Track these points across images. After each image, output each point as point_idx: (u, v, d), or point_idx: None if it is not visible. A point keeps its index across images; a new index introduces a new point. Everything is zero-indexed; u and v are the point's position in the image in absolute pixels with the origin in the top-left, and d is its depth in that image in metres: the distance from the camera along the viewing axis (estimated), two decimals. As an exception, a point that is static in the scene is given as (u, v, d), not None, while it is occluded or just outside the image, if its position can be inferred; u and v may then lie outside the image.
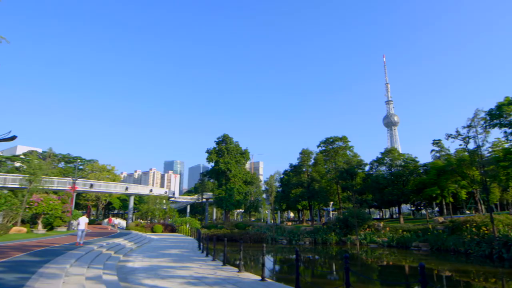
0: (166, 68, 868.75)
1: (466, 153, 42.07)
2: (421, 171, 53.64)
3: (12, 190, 41.73)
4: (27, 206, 32.69)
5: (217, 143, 71.62)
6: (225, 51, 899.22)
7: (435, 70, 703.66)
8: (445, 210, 55.81)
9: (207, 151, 70.47)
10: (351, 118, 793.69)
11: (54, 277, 8.30)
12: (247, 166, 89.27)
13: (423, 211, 69.67)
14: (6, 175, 48.39)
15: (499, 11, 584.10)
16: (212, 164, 70.09)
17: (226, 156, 68.33)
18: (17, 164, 76.71)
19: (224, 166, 66.41)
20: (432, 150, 54.65)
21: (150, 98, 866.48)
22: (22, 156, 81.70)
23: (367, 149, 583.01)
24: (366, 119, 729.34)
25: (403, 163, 54.41)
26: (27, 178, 35.32)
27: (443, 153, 52.35)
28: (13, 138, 21.99)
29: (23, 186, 36.94)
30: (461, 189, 49.90)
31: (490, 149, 37.85)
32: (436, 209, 65.61)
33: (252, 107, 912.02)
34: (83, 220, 19.94)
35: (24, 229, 30.11)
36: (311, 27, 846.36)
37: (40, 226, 32.99)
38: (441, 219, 41.12)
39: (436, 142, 52.33)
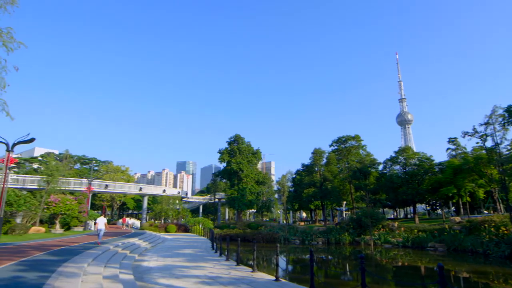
0: (177, 69, 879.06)
1: (484, 151, 41.09)
2: (436, 170, 52.57)
3: (30, 191, 42.86)
4: (45, 206, 33.52)
5: (229, 143, 71.92)
6: (236, 51, 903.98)
7: (451, 67, 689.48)
8: (462, 210, 54.54)
9: (219, 152, 70.85)
10: (364, 117, 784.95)
11: (73, 275, 8.49)
12: (259, 166, 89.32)
13: (439, 211, 68.26)
14: (25, 177, 49.75)
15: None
16: (224, 164, 70.42)
17: (238, 156, 68.53)
18: (35, 166, 78.80)
19: (236, 166, 66.62)
20: (448, 149, 53.60)
21: (162, 99, 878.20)
22: (39, 158, 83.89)
23: (380, 148, 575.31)
24: (379, 118, 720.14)
25: (417, 162, 53.44)
26: (45, 179, 36.23)
27: (459, 151, 51.24)
28: (31, 140, 22.62)
29: (41, 187, 37.93)
30: (479, 188, 48.72)
31: (508, 147, 36.80)
32: (453, 208, 64.25)
33: (263, 106, 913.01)
34: (102, 220, 20.50)
35: (43, 229, 30.87)
36: (320, 25, 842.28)
37: (57, 226, 33.78)
38: (458, 219, 40.17)
39: (452, 140, 51.28)
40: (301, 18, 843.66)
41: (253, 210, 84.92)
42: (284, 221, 70.62)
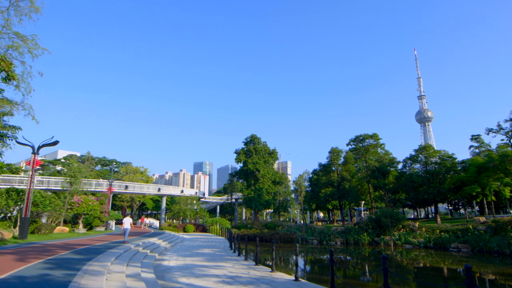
0: (194, 70, 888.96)
1: (510, 148, 39.59)
2: (459, 168, 50.92)
3: (55, 192, 44.33)
4: (69, 207, 34.58)
5: (245, 144, 72.07)
6: (255, 52, 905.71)
7: (473, 62, 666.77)
8: (486, 210, 52.66)
9: (236, 152, 71.12)
10: (382, 115, 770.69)
11: (97, 274, 8.73)
12: (275, 166, 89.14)
13: (462, 211, 66.14)
14: (49, 178, 51.55)
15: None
16: (241, 164, 70.63)
17: (255, 156, 68.58)
18: (58, 168, 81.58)
19: (253, 166, 66.69)
20: (471, 146, 51.96)
21: (178, 100, 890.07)
22: (62, 160, 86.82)
23: (399, 146, 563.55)
24: (397, 116, 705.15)
25: (439, 160, 51.91)
26: (68, 180, 37.42)
27: (482, 149, 49.55)
28: (55, 143, 23.38)
29: (64, 188, 39.18)
30: (505, 186, 46.86)
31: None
32: (476, 208, 62.11)
33: (280, 106, 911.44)
34: (128, 220, 21.51)
35: (67, 229, 31.84)
36: (337, 24, 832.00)
37: (80, 226, 34.78)
38: (482, 218, 38.83)
39: (475, 138, 49.63)
40: (318, 17, 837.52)
41: (270, 210, 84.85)
42: (302, 221, 70.23)
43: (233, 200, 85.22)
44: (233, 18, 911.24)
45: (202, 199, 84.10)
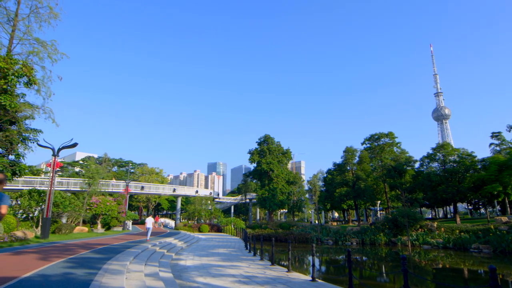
0: (206, 70, 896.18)
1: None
2: (479, 166, 49.42)
3: (74, 192, 45.53)
4: (88, 207, 35.48)
5: (259, 144, 72.12)
6: (266, 52, 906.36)
7: (493, 60, 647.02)
8: (508, 209, 50.92)
9: (249, 152, 71.26)
10: (397, 114, 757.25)
11: (117, 273, 8.92)
12: (289, 166, 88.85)
13: (482, 210, 64.22)
14: (69, 179, 52.97)
15: None
16: (254, 164, 70.73)
17: (268, 156, 68.56)
18: (77, 169, 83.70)
19: (267, 166, 66.68)
20: (491, 144, 50.45)
21: (192, 101, 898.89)
22: (81, 162, 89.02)
23: (415, 145, 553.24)
24: (413, 114, 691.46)
25: (457, 159, 50.57)
26: (86, 181, 38.37)
27: (504, 146, 48.00)
28: (74, 145, 24.00)
29: (83, 189, 40.18)
30: (528, 185, 45.22)
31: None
32: (498, 207, 60.24)
33: (294, 106, 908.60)
34: (150, 220, 22.96)
35: (86, 229, 32.65)
36: (349, 24, 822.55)
37: (99, 226, 35.61)
38: (504, 218, 37.62)
39: (496, 135, 48.18)
40: (329, 17, 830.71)
41: (284, 210, 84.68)
42: (316, 221, 69.77)
43: (247, 200, 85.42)
44: (248, 18, 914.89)
45: (217, 199, 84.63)
